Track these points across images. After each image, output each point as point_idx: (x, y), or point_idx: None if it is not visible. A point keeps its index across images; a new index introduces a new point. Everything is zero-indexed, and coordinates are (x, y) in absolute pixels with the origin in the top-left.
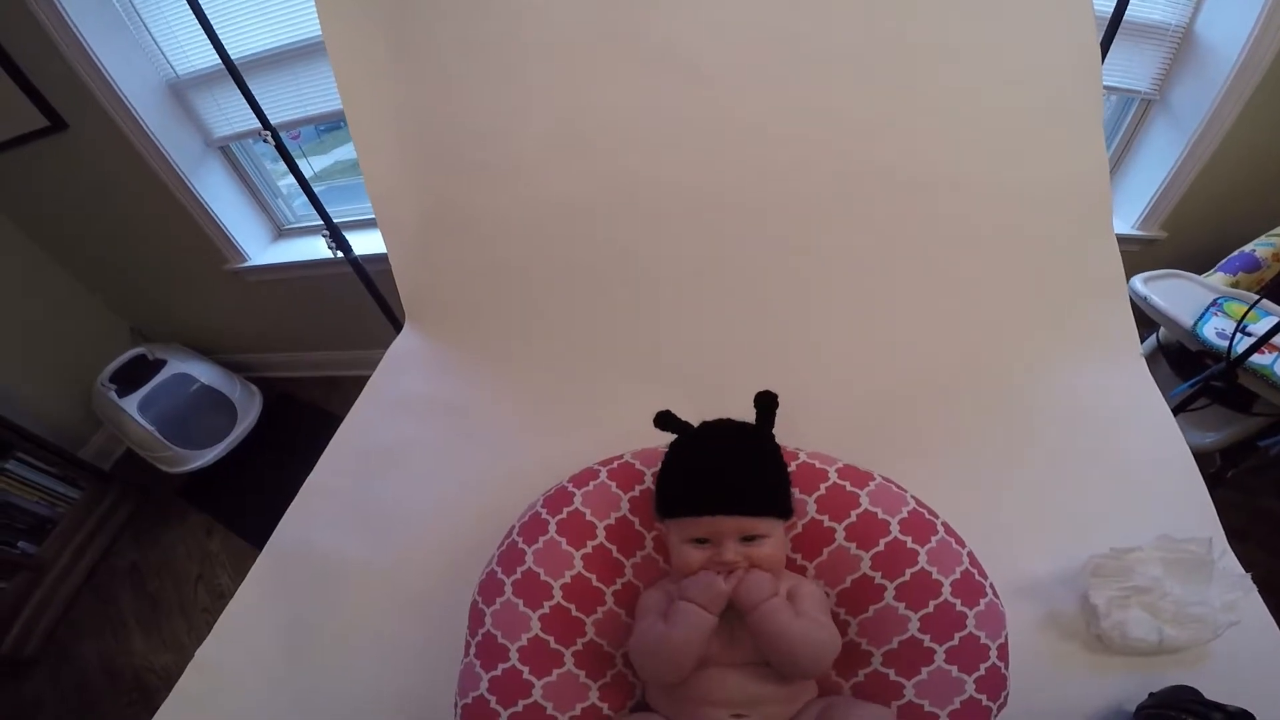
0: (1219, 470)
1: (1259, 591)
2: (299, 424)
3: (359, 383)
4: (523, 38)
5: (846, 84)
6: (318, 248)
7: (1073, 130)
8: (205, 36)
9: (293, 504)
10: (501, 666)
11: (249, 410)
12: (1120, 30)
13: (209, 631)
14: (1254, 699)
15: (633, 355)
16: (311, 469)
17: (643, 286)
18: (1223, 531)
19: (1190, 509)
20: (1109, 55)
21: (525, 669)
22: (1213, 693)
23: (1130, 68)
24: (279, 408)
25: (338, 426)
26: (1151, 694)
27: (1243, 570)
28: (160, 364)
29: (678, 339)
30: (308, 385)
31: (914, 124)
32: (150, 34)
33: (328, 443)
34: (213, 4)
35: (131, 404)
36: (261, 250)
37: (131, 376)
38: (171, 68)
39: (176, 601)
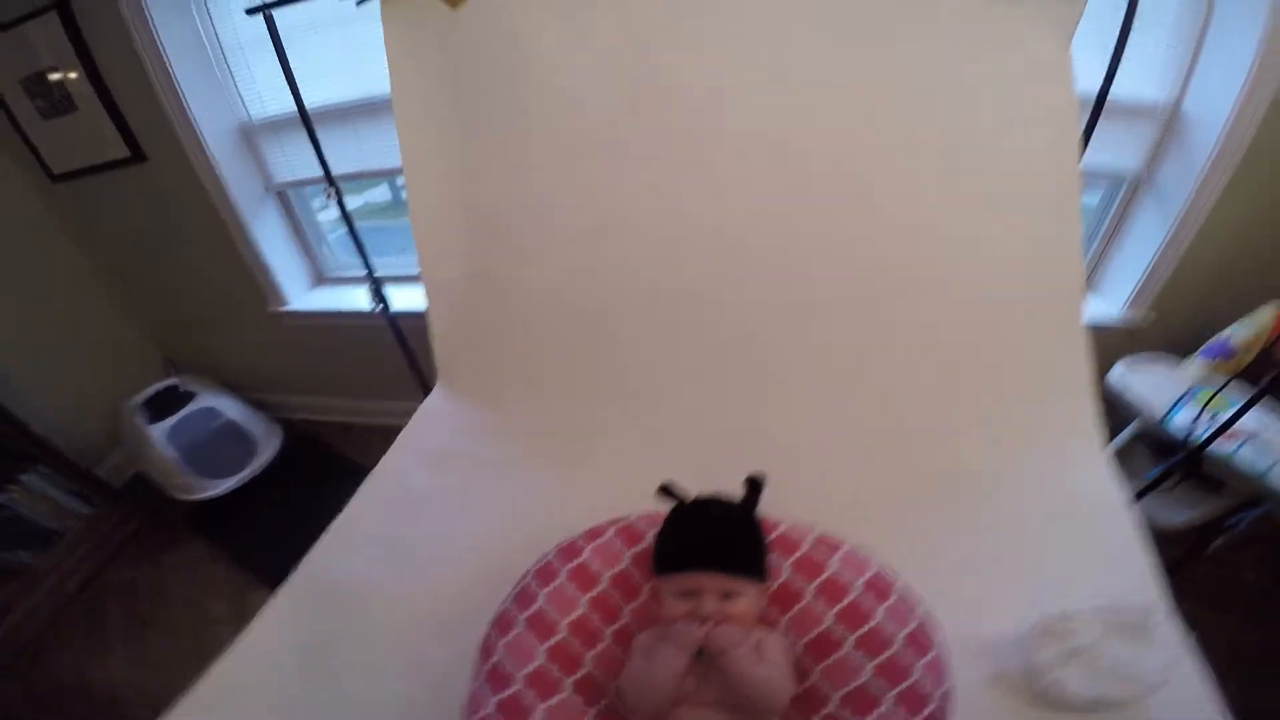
0: (1194, 546)
1: (1237, 662)
2: (313, 465)
3: (374, 430)
4: (567, 129)
5: (827, 168)
6: (354, 298)
7: (1050, 225)
8: (283, 84)
9: (322, 537)
10: (509, 690)
11: (267, 447)
12: (1109, 112)
13: (195, 655)
14: None
15: (646, 427)
16: (319, 508)
17: (657, 370)
18: (1165, 600)
19: (1136, 581)
20: (1096, 137)
21: (530, 693)
22: None
23: (1120, 150)
24: (297, 447)
25: (350, 470)
26: None
27: (1182, 635)
28: (190, 396)
29: (689, 415)
30: (326, 429)
31: (890, 204)
32: (233, 78)
33: (337, 484)
34: (291, 54)
35: (160, 431)
36: (301, 295)
37: (161, 405)
38: (246, 111)
39: (165, 624)
